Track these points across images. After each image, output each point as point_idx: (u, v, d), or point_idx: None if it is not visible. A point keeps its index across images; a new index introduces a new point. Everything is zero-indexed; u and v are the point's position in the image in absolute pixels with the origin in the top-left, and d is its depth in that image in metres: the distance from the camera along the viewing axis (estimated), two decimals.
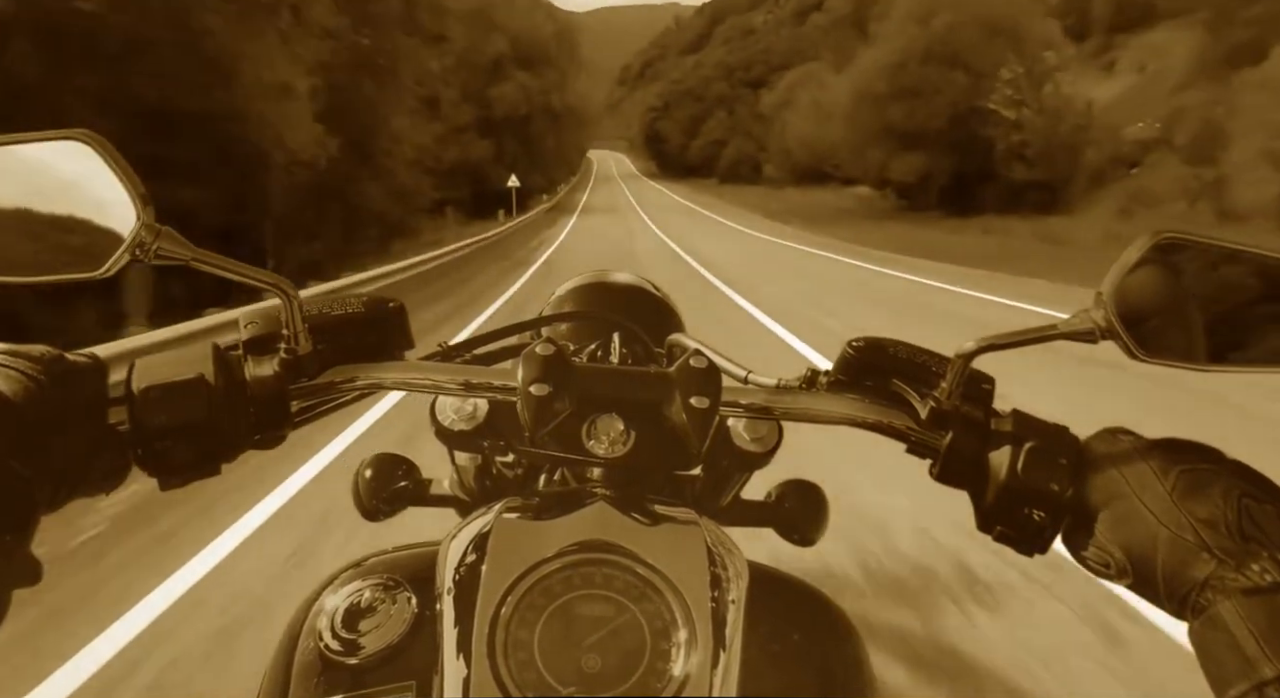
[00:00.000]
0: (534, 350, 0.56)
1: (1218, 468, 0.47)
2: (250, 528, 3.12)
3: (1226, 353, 0.50)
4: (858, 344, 0.59)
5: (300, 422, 0.58)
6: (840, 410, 0.58)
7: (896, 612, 2.39)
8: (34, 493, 0.44)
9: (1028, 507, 0.51)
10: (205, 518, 3.17)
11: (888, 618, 2.35)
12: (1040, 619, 2.36)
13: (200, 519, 3.16)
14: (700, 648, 0.44)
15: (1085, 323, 0.49)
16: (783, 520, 0.83)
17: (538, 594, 0.45)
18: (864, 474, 3.13)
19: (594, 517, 0.50)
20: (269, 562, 2.83)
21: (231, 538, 3.02)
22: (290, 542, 2.98)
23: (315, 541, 2.96)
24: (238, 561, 2.86)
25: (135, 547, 2.99)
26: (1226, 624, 0.41)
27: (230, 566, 2.83)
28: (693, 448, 0.55)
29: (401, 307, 0.62)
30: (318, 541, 2.96)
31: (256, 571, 2.77)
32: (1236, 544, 0.43)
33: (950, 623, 2.33)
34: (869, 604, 2.44)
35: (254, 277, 0.53)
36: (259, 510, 3.27)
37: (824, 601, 0.63)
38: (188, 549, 2.92)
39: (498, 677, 0.42)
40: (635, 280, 1.11)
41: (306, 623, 0.55)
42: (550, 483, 0.71)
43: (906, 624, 2.31)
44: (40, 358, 0.48)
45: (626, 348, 0.82)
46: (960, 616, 2.37)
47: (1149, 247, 0.48)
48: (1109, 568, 0.48)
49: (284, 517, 3.24)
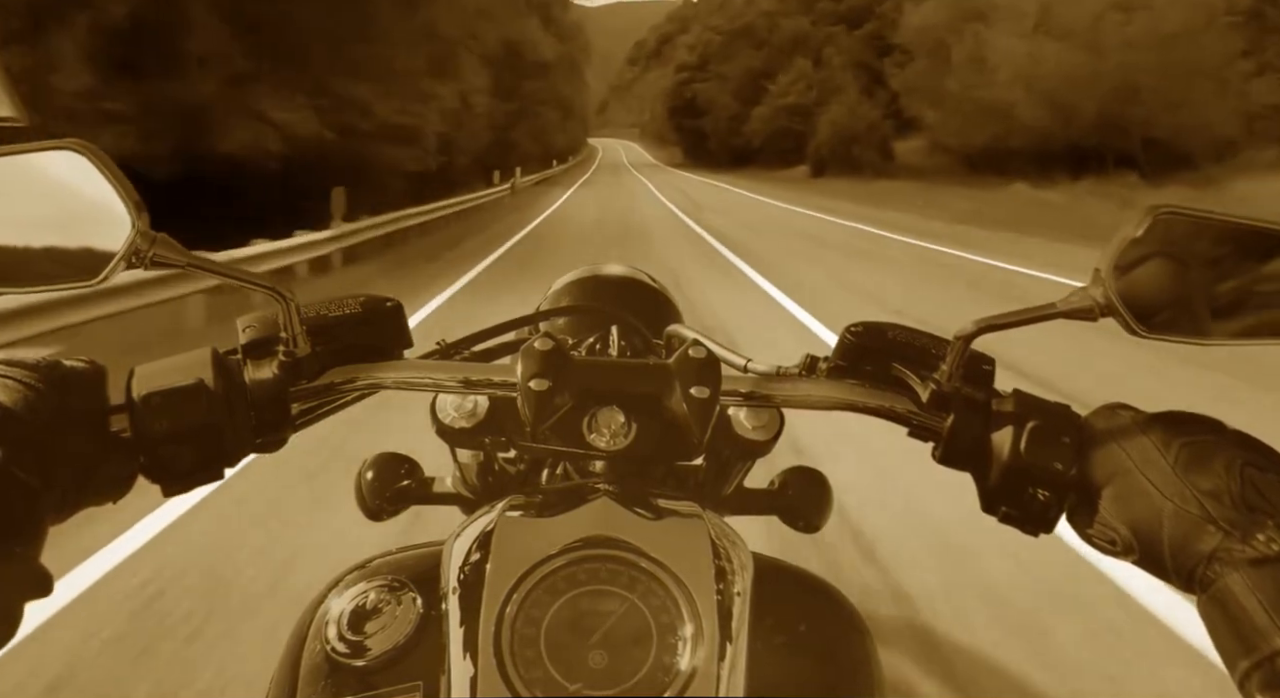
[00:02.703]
0: (532, 346, 0.56)
1: (1219, 439, 0.47)
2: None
3: (1227, 326, 0.50)
4: (856, 329, 0.59)
5: (301, 424, 0.58)
6: (841, 396, 0.58)
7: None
8: (41, 503, 0.44)
9: (1032, 486, 0.51)
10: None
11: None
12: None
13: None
14: (706, 642, 0.44)
15: (1084, 301, 0.49)
16: (786, 508, 0.83)
17: (543, 592, 0.45)
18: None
19: (597, 512, 0.50)
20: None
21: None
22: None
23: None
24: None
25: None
26: (1235, 596, 0.41)
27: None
28: (694, 438, 0.55)
29: (399, 305, 0.61)
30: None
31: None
32: (1241, 515, 0.43)
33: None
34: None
35: (250, 281, 0.53)
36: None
37: (829, 591, 0.63)
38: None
39: (505, 675, 0.42)
40: (631, 272, 1.11)
41: (312, 626, 0.55)
42: (553, 478, 0.71)
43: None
44: (37, 366, 0.47)
45: (625, 340, 0.81)
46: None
47: (1146, 222, 0.48)
48: (1115, 545, 0.48)
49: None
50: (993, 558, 2.51)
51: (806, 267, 9.85)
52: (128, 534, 2.67)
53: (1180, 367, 4.74)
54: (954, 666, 2.05)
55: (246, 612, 2.22)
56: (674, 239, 13.51)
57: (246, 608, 2.24)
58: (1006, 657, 2.07)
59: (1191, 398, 2.08)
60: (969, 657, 2.10)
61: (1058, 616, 2.28)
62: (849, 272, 9.60)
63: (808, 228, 15.72)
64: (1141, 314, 0.48)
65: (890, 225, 15.22)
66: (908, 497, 2.92)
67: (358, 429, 3.15)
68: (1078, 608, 2.31)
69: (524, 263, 9.82)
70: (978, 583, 2.41)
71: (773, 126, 42.15)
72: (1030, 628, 2.20)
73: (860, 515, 2.79)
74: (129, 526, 2.72)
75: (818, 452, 3.15)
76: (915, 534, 2.70)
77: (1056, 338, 4.92)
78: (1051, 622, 2.24)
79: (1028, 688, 1.96)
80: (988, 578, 2.43)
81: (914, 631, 2.22)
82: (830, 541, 2.57)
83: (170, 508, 2.80)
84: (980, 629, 2.19)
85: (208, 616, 2.20)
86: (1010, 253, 10.80)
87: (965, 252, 11.18)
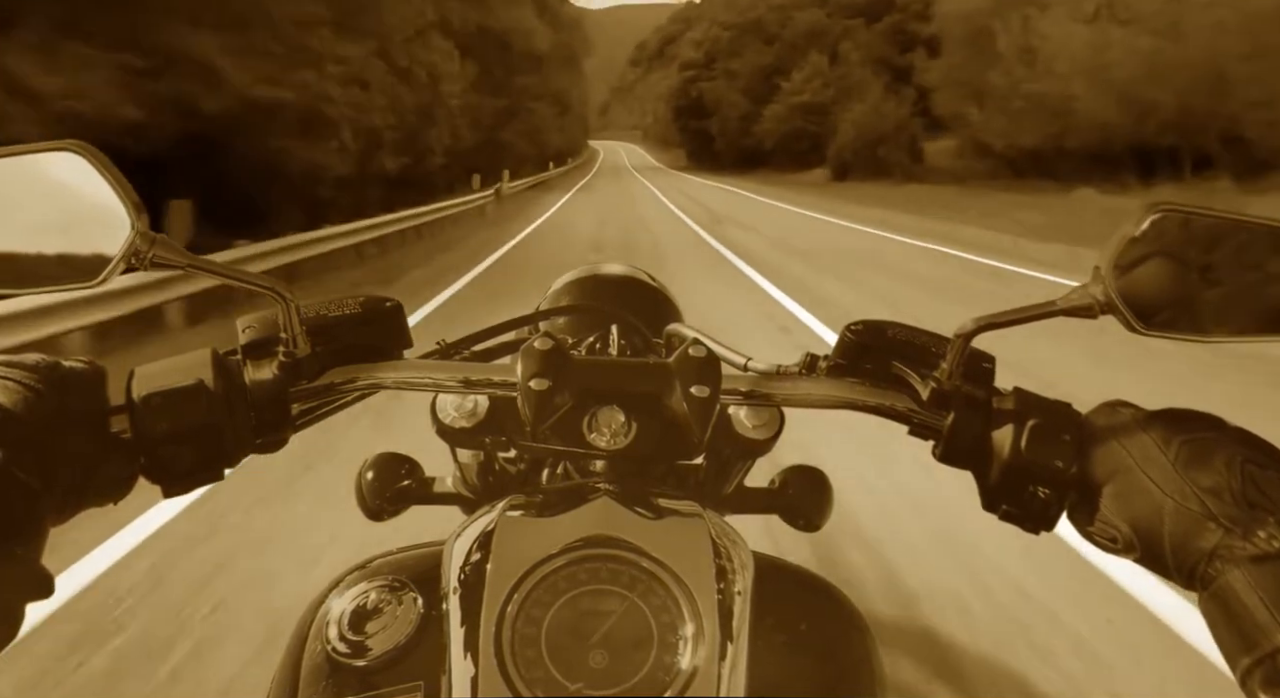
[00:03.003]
0: (532, 345, 0.56)
1: (1219, 436, 0.47)
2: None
3: (1227, 323, 0.50)
4: (856, 328, 0.59)
5: (301, 424, 0.58)
6: (841, 394, 0.58)
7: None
8: (42, 504, 0.44)
9: (1032, 484, 0.51)
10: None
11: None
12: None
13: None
14: (707, 641, 0.44)
15: (1084, 299, 0.49)
16: (787, 507, 0.83)
17: (543, 591, 0.45)
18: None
19: (597, 512, 0.50)
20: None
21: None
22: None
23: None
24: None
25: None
26: (1236, 593, 0.41)
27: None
28: (694, 437, 0.55)
29: (399, 306, 0.61)
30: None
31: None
32: (1242, 512, 0.43)
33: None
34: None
35: (250, 281, 0.53)
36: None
37: (830, 590, 0.63)
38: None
39: (505, 675, 0.42)
40: (630, 271, 1.11)
41: (313, 626, 0.55)
42: (553, 477, 0.71)
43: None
44: (36, 366, 0.48)
45: (625, 339, 0.81)
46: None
47: (1146, 220, 0.48)
48: (1116, 543, 0.48)
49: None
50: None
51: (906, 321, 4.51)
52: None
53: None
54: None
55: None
56: (694, 267, 9.55)
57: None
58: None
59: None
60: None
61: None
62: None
63: (859, 247, 11.98)
64: (1141, 312, 0.48)
65: (962, 242, 11.91)
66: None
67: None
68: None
69: (484, 306, 6.66)
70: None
71: (786, 127, 39.82)
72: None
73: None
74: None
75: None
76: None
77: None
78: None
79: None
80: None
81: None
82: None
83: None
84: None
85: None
86: None
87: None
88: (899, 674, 1.94)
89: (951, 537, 2.65)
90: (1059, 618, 2.23)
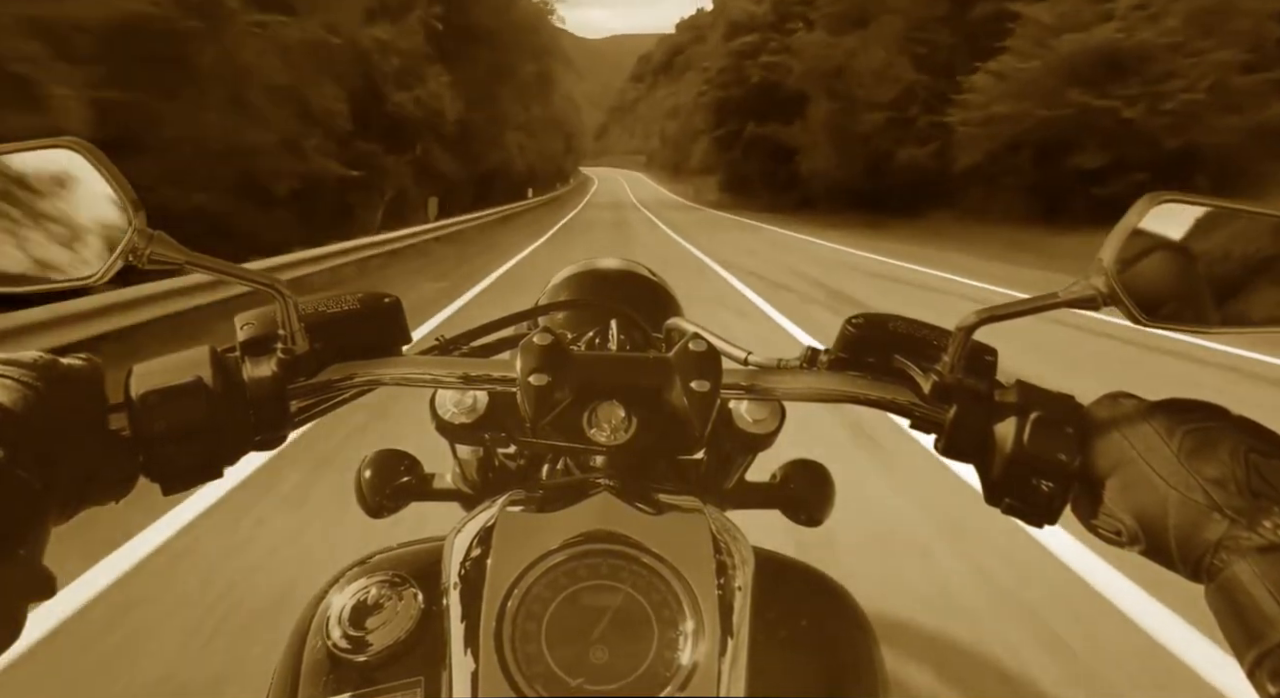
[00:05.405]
0: (532, 340, 0.56)
1: (1223, 425, 0.47)
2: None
3: (1230, 314, 0.50)
4: (857, 321, 0.59)
5: (300, 421, 0.58)
6: (842, 388, 0.57)
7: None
8: (43, 504, 0.43)
9: (1035, 477, 0.51)
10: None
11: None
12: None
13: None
14: (707, 637, 0.44)
15: (1087, 290, 0.49)
16: (788, 502, 0.83)
17: (544, 587, 0.45)
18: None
19: (598, 507, 0.50)
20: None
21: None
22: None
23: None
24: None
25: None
26: (1243, 584, 0.41)
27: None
28: (695, 432, 0.54)
29: (397, 301, 0.61)
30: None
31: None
32: (1247, 502, 0.43)
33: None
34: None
35: (248, 278, 0.53)
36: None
37: (831, 586, 0.63)
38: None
39: (505, 671, 0.42)
40: (630, 266, 1.10)
41: (314, 622, 0.55)
42: (553, 473, 0.70)
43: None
44: (34, 364, 0.47)
45: (624, 334, 0.81)
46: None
47: (1147, 210, 0.47)
48: (1120, 536, 0.48)
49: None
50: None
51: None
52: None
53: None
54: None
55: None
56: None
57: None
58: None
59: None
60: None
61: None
62: None
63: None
64: (1144, 303, 0.48)
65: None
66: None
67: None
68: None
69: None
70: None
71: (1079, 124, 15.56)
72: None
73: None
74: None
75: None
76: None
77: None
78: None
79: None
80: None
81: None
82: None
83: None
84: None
85: None
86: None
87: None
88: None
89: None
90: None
